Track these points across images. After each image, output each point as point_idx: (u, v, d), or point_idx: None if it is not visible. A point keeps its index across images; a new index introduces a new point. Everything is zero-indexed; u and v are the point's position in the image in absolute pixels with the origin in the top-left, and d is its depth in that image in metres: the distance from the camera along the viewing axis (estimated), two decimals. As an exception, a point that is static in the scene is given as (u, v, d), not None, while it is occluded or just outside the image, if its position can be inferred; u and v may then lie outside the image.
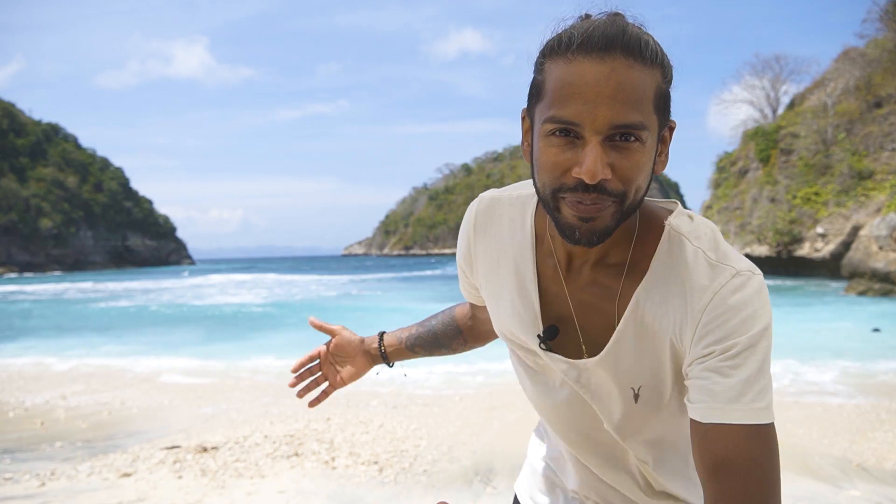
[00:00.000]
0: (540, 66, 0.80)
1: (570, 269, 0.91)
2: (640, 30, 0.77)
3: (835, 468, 4.18)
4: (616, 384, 0.91)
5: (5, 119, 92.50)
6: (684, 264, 0.84)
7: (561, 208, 0.79)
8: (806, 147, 32.96)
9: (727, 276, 0.81)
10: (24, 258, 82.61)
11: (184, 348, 11.08)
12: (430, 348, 1.31)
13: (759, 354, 0.79)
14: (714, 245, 0.85)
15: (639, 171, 0.77)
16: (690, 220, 0.88)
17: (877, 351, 9.21)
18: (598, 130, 0.74)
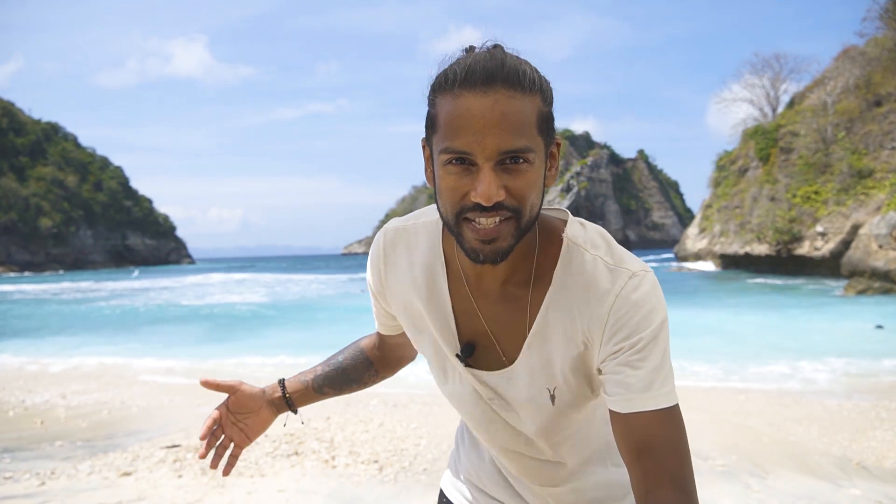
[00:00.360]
0: (432, 101, 0.87)
1: (480, 286, 0.98)
2: (518, 60, 0.84)
3: (835, 467, 4.18)
4: (534, 387, 0.98)
5: (5, 118, 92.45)
6: (586, 273, 0.92)
7: (464, 232, 0.86)
8: (806, 146, 32.95)
9: (625, 278, 0.90)
10: (24, 257, 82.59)
11: (184, 347, 11.09)
12: (339, 386, 1.27)
13: (661, 345, 0.89)
14: (609, 250, 0.94)
15: (530, 189, 0.84)
16: (583, 229, 0.96)
17: (876, 350, 9.21)
18: (488, 157, 0.81)
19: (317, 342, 10.66)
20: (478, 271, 0.96)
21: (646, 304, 0.89)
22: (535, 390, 0.98)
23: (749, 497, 3.66)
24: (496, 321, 0.98)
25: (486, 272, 0.95)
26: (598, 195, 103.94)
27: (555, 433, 1.04)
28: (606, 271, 0.91)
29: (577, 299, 0.92)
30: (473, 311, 0.99)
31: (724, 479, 3.96)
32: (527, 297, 0.95)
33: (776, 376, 7.45)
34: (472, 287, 0.98)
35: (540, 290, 0.95)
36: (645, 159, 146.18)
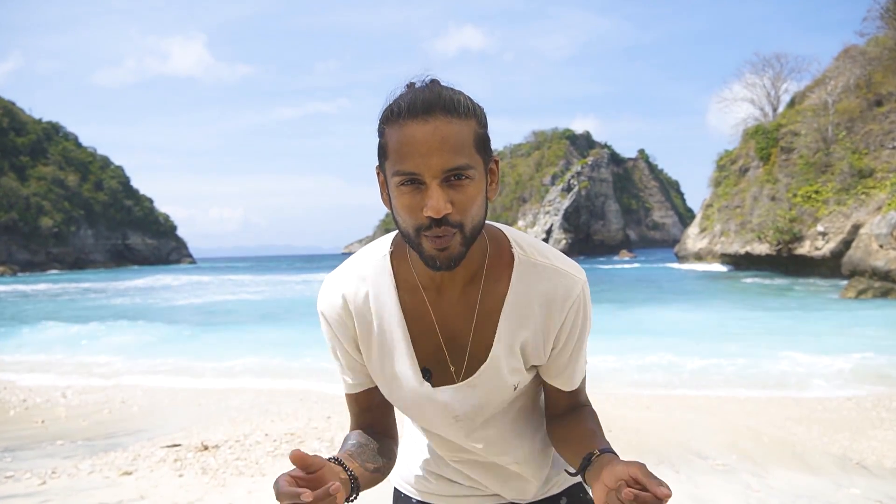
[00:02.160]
0: (381, 132, 0.99)
1: (440, 295, 1.08)
2: (453, 91, 0.97)
3: (834, 466, 4.18)
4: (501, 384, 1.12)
5: (5, 118, 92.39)
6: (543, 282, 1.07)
7: (422, 243, 0.97)
8: (806, 145, 32.92)
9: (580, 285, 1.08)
10: (25, 257, 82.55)
11: (184, 346, 11.09)
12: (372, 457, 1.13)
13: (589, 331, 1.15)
14: (557, 257, 1.10)
15: (473, 201, 0.96)
16: (524, 239, 1.11)
17: (876, 351, 9.21)
18: (434, 175, 0.93)
19: (315, 342, 10.65)
20: (437, 282, 1.07)
21: (589, 305, 1.11)
22: (501, 387, 1.12)
23: (749, 496, 3.66)
24: (455, 331, 1.09)
25: (445, 281, 1.06)
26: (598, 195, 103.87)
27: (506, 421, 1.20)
28: (560, 279, 1.07)
29: (537, 305, 1.07)
30: (432, 327, 1.09)
31: (724, 479, 3.96)
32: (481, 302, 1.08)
33: (776, 377, 7.45)
34: (433, 300, 1.08)
35: (494, 298, 1.08)
36: (645, 159, 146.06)
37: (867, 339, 10.13)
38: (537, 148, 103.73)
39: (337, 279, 1.13)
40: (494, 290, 1.07)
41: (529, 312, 1.07)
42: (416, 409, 1.15)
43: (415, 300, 1.09)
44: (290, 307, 20.09)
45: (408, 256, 1.09)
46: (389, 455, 1.18)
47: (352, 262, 1.14)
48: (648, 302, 18.38)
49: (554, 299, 1.07)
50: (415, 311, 1.09)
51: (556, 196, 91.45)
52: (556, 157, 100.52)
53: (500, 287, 1.07)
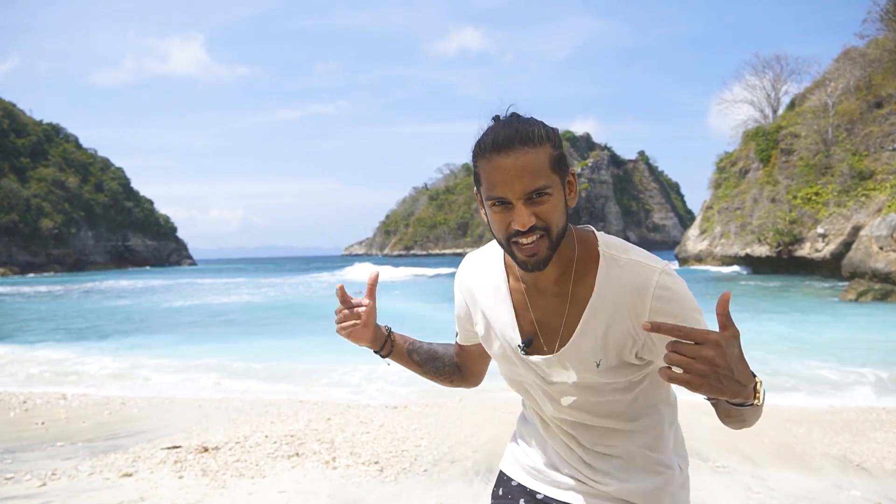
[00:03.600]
0: (475, 163, 1.21)
1: (537, 287, 1.29)
2: (530, 122, 1.17)
3: (835, 468, 4.18)
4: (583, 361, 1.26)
5: (6, 119, 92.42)
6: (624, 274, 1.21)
7: (514, 252, 1.19)
8: (806, 147, 32.93)
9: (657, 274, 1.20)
10: (25, 258, 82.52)
11: (185, 348, 11.09)
12: (424, 361, 1.52)
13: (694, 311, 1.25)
14: (638, 252, 1.24)
15: (553, 213, 1.17)
16: (611, 240, 1.27)
17: (877, 351, 9.21)
18: (518, 197, 1.15)
19: (315, 344, 10.66)
20: (534, 276, 1.27)
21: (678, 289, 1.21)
22: (584, 363, 1.26)
23: (749, 498, 3.66)
24: (550, 314, 1.28)
25: (540, 276, 1.26)
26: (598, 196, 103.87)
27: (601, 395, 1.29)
28: (638, 270, 1.21)
29: (620, 295, 1.21)
30: (530, 310, 1.30)
31: (724, 480, 3.96)
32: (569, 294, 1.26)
33: (776, 376, 7.45)
34: (531, 289, 1.30)
35: (584, 289, 1.24)
36: (646, 160, 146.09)
37: (867, 342, 10.13)
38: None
39: (470, 256, 1.44)
40: (583, 283, 1.24)
41: (614, 302, 1.21)
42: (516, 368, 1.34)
43: (518, 288, 1.32)
44: (291, 309, 20.09)
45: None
46: (446, 374, 1.53)
47: (482, 249, 1.41)
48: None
49: (634, 288, 1.20)
50: (519, 298, 1.32)
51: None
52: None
53: (588, 280, 1.24)
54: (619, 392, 1.30)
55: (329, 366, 8.48)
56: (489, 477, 4.07)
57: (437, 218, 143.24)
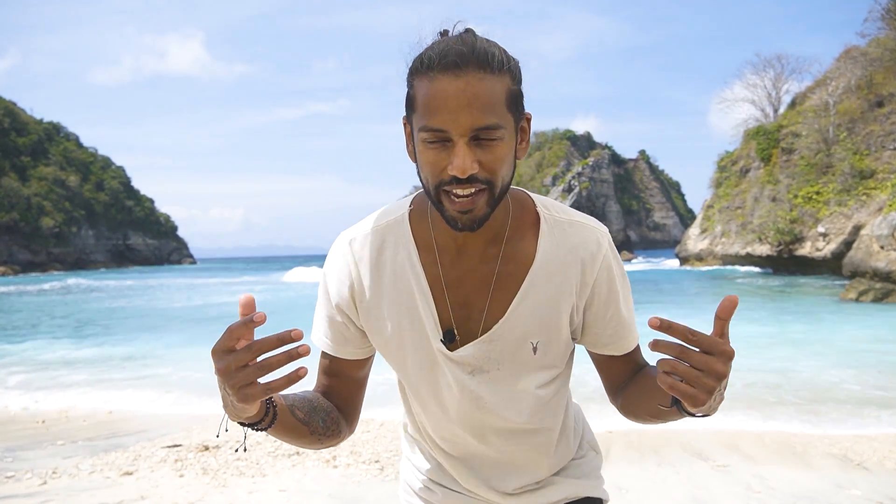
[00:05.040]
0: (410, 82, 0.95)
1: (460, 255, 1.04)
2: (488, 43, 0.92)
3: (836, 467, 4.18)
4: (518, 342, 1.05)
5: (7, 118, 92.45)
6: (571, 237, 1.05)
7: (444, 203, 0.94)
8: (807, 146, 32.92)
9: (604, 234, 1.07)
10: (26, 257, 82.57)
11: (185, 346, 11.09)
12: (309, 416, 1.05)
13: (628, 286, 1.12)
14: (580, 214, 1.08)
15: (501, 162, 0.92)
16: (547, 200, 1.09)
17: (877, 352, 9.21)
18: (462, 134, 0.89)
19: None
20: (458, 242, 1.03)
21: (619, 258, 1.09)
22: (518, 345, 1.05)
23: (750, 497, 3.66)
24: (476, 291, 1.05)
25: (467, 240, 1.03)
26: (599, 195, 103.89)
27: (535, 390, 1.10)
28: (587, 233, 1.05)
29: (566, 262, 1.04)
30: (453, 288, 1.04)
31: (724, 479, 3.96)
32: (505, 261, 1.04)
33: (777, 376, 7.44)
34: (450, 262, 1.04)
35: (520, 256, 1.04)
36: (646, 160, 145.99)
37: (867, 342, 10.12)
38: (538, 149, 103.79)
39: (349, 234, 1.08)
40: (518, 250, 1.04)
41: (558, 270, 1.04)
42: (429, 370, 1.07)
43: (433, 261, 1.04)
44: (290, 307, 20.09)
45: (428, 216, 1.05)
46: (331, 425, 1.09)
47: (366, 221, 1.09)
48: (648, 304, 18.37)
49: (585, 254, 1.04)
50: (434, 273, 1.04)
51: (556, 197, 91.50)
52: (557, 157, 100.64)
53: (525, 246, 1.04)
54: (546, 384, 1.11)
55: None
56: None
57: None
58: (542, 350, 1.06)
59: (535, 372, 1.08)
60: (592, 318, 1.08)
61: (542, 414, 1.13)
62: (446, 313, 1.05)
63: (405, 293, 1.05)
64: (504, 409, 1.09)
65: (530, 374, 1.08)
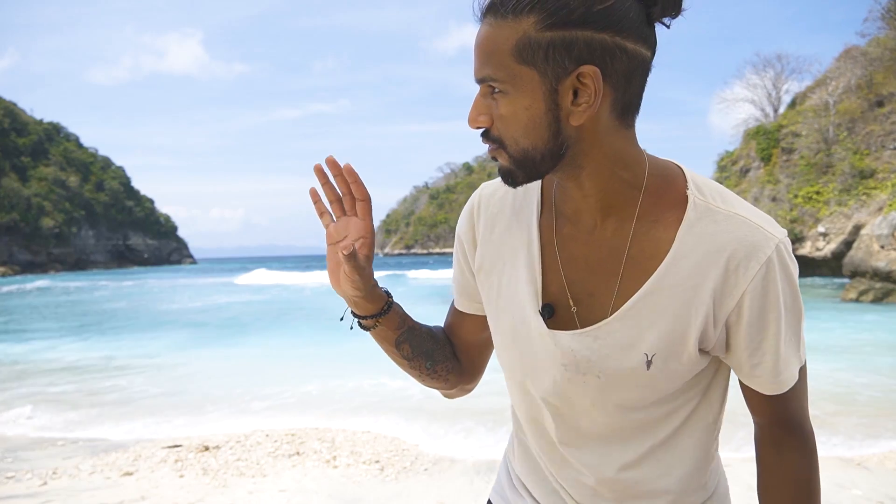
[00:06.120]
0: None
1: (575, 224, 0.89)
2: None
3: (836, 467, 4.18)
4: (629, 348, 0.86)
5: (7, 118, 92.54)
6: (722, 231, 0.82)
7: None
8: (807, 146, 32.93)
9: (773, 244, 0.81)
10: (26, 257, 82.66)
11: (186, 346, 11.09)
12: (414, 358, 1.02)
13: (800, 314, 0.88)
14: (746, 207, 0.84)
15: (509, 120, 0.79)
16: (708, 182, 0.87)
17: (877, 350, 9.21)
18: (478, 83, 0.81)
19: (316, 341, 10.66)
20: (572, 208, 0.88)
21: (791, 275, 0.83)
22: (629, 352, 0.86)
23: (751, 497, 3.66)
24: (592, 271, 0.88)
25: (580, 207, 0.87)
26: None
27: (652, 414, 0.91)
28: (746, 231, 0.81)
29: (711, 261, 0.82)
30: (564, 258, 0.90)
31: (725, 480, 3.96)
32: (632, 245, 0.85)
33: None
34: (570, 225, 0.89)
35: (653, 244, 0.84)
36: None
37: (867, 342, 10.12)
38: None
39: (487, 182, 1.01)
40: (651, 234, 0.84)
41: (698, 269, 0.82)
42: (521, 347, 0.92)
43: (552, 227, 0.91)
44: (290, 307, 20.09)
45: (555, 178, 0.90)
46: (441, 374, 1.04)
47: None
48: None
49: (734, 257, 0.81)
50: (550, 239, 0.91)
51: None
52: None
53: (661, 231, 0.84)
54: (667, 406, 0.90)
55: (328, 364, 8.48)
56: (490, 476, 4.07)
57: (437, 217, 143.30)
58: (658, 366, 0.85)
59: (648, 392, 0.88)
60: (736, 342, 0.85)
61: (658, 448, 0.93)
62: (552, 286, 0.90)
63: (515, 250, 0.93)
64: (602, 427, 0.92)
65: (642, 393, 0.88)
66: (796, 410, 0.90)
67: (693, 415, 0.92)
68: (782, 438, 0.91)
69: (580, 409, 0.91)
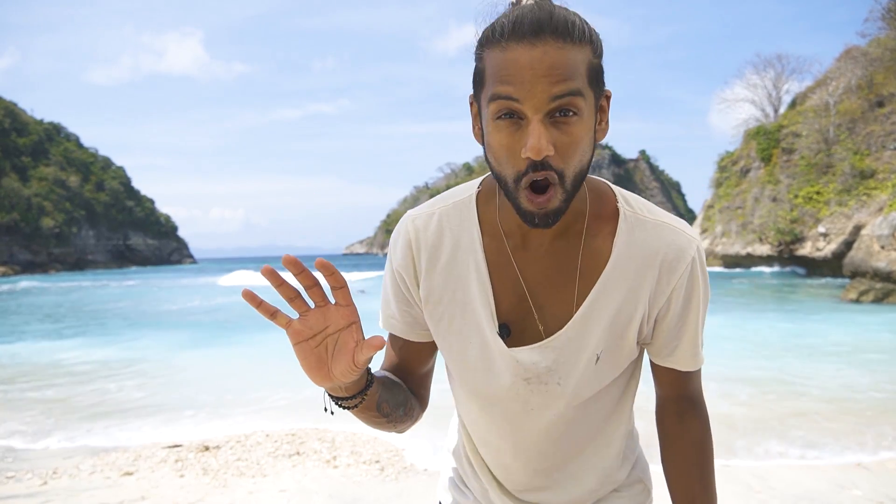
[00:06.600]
0: (479, 56, 0.86)
1: (527, 246, 0.95)
2: (567, 10, 0.83)
3: (836, 468, 4.17)
4: (583, 351, 0.96)
5: (7, 118, 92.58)
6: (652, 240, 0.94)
7: (520, 198, 0.84)
8: (808, 146, 32.94)
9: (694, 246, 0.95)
10: (27, 257, 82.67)
11: (186, 346, 11.09)
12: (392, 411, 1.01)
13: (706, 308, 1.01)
14: (667, 215, 0.97)
15: (579, 143, 0.82)
16: (632, 195, 0.98)
17: (877, 350, 9.20)
18: (538, 108, 0.79)
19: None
20: (524, 231, 0.94)
21: (705, 270, 0.97)
22: (582, 354, 0.96)
23: (750, 497, 3.66)
24: (542, 285, 0.95)
25: (534, 231, 0.93)
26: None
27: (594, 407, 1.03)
28: (673, 237, 0.94)
29: (644, 265, 0.94)
30: (515, 280, 0.96)
31: (725, 479, 3.96)
32: (576, 261, 0.94)
33: (777, 377, 7.44)
34: (517, 249, 0.95)
35: (593, 256, 0.94)
36: (647, 160, 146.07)
37: (867, 345, 10.11)
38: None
39: (413, 212, 1.02)
40: (592, 247, 0.94)
41: (633, 275, 0.93)
42: (483, 368, 0.99)
43: (497, 249, 0.96)
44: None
45: (496, 200, 0.97)
46: (408, 409, 1.04)
47: (433, 201, 1.03)
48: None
49: (665, 260, 0.93)
50: (497, 262, 0.96)
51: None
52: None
53: (599, 243, 0.94)
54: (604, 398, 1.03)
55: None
56: (490, 476, 4.06)
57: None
58: (605, 360, 0.98)
59: (595, 385, 1.00)
60: (662, 330, 0.99)
61: (597, 435, 1.06)
62: (504, 306, 0.96)
63: (463, 278, 0.97)
64: (557, 426, 1.03)
65: (590, 387, 0.99)
66: (697, 386, 1.06)
67: (623, 395, 1.06)
68: (685, 409, 1.05)
69: (536, 414, 1.01)
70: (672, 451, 1.06)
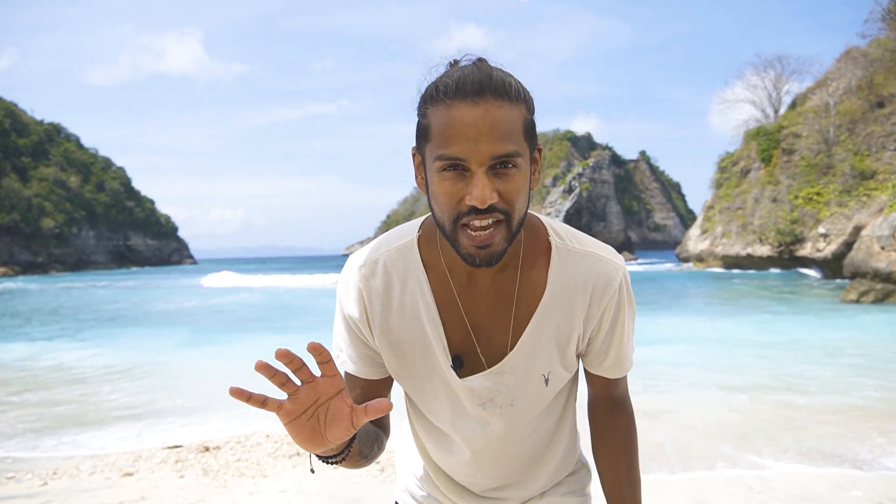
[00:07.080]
0: (423, 111, 0.93)
1: (470, 284, 1.03)
2: (504, 72, 0.92)
3: (836, 468, 4.17)
4: (530, 374, 1.07)
5: (7, 119, 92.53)
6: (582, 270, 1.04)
7: (460, 239, 0.92)
8: (808, 147, 32.91)
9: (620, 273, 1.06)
10: (27, 258, 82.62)
11: (187, 346, 11.09)
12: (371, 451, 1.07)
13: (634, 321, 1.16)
14: (595, 244, 1.07)
15: (519, 192, 0.91)
16: (561, 227, 1.08)
17: (878, 351, 9.20)
18: (481, 163, 0.88)
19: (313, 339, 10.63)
20: (467, 269, 1.02)
21: (631, 293, 1.10)
22: (530, 376, 1.07)
23: (751, 498, 3.66)
24: (486, 321, 1.05)
25: (476, 271, 1.01)
26: (599, 196, 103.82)
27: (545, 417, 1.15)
28: (600, 266, 1.05)
29: (576, 293, 1.04)
30: (460, 316, 1.04)
31: (725, 480, 3.96)
32: (513, 290, 1.04)
33: (778, 378, 7.44)
34: (462, 286, 1.03)
35: (531, 287, 1.04)
36: (647, 160, 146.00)
37: (868, 343, 10.11)
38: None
39: (358, 259, 1.07)
40: (529, 279, 1.03)
41: (568, 302, 1.03)
42: (443, 398, 1.08)
43: (443, 287, 1.04)
44: (292, 307, 20.09)
45: (437, 242, 1.04)
46: (379, 444, 1.11)
47: (376, 246, 1.08)
48: (650, 305, 18.37)
49: (595, 287, 1.04)
50: (443, 299, 1.04)
51: (557, 198, 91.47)
52: (558, 158, 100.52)
53: (536, 275, 1.03)
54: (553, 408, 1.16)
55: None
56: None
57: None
58: (552, 380, 1.09)
59: (545, 401, 1.11)
60: (593, 346, 1.11)
61: (549, 438, 1.19)
62: (455, 339, 1.05)
63: (415, 319, 1.04)
64: (514, 440, 1.14)
65: (542, 403, 1.11)
66: (623, 387, 1.20)
67: (568, 400, 1.19)
68: (613, 406, 1.19)
69: (494, 433, 1.11)
70: (602, 442, 1.19)
